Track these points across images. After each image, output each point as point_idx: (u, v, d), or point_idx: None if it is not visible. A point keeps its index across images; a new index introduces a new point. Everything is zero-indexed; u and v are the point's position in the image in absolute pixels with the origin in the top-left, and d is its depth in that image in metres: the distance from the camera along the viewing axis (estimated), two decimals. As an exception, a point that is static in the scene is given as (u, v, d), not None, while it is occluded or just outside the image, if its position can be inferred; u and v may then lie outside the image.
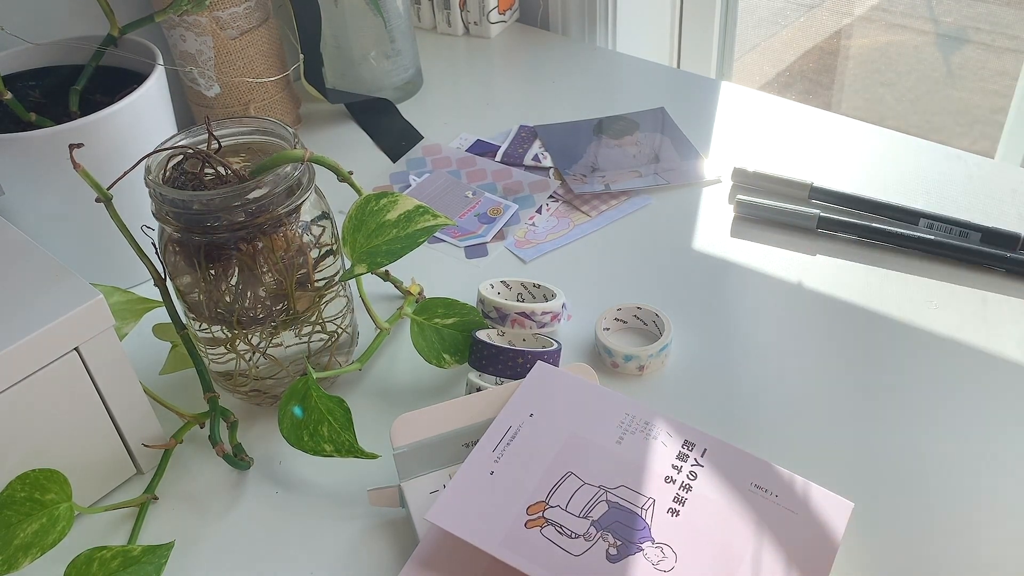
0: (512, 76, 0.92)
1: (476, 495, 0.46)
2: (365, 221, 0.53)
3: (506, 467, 0.47)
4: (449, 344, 0.57)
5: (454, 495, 0.46)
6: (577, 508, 0.45)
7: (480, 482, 0.47)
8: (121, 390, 0.51)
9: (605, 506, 0.46)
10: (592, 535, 0.44)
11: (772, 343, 0.59)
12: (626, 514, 0.45)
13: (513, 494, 0.46)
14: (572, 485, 0.46)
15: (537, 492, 0.46)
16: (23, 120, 0.62)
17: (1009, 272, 0.63)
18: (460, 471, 0.47)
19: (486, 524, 0.45)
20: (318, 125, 0.86)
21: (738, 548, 0.44)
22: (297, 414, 0.51)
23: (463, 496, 0.46)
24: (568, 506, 0.46)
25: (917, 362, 0.57)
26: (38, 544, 0.45)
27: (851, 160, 0.75)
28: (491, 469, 0.47)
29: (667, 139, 0.79)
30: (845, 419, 0.54)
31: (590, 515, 0.45)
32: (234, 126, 0.53)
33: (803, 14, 1.68)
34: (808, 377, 0.57)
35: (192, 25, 0.74)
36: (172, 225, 0.49)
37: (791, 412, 0.55)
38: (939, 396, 0.55)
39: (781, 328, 0.60)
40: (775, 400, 0.56)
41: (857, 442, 0.53)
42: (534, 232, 0.71)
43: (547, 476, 0.47)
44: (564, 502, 0.46)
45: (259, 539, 0.51)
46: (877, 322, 0.60)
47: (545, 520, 0.45)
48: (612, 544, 0.44)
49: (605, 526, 0.45)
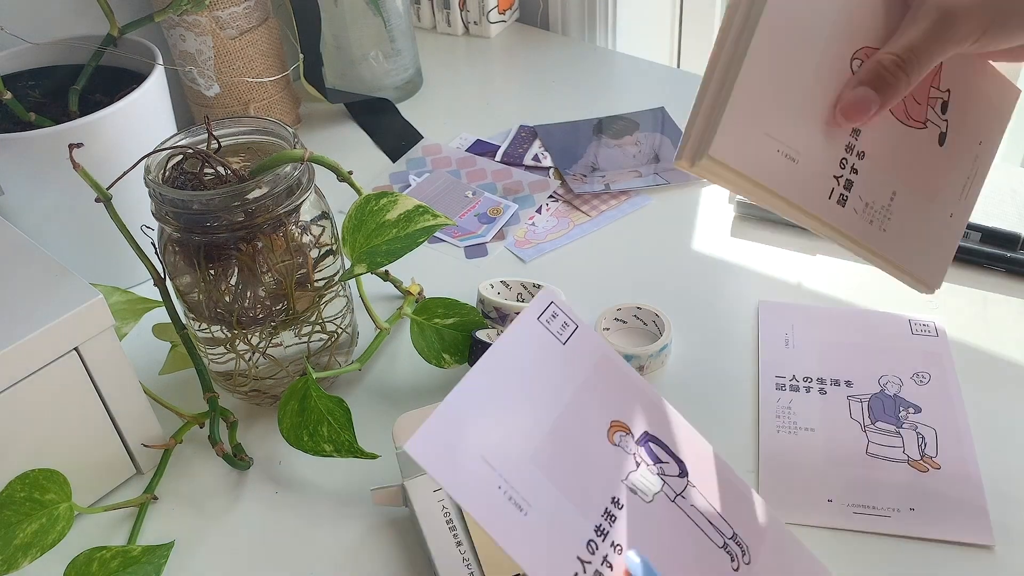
0: (512, 76, 0.92)
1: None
2: (365, 221, 0.53)
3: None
4: (449, 344, 0.57)
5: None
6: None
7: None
8: (121, 390, 0.51)
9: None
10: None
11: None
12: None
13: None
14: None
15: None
16: (23, 120, 0.62)
17: (1009, 272, 0.63)
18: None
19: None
20: (318, 125, 0.86)
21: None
22: (297, 414, 0.51)
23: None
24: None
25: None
26: (38, 544, 0.45)
27: (851, 160, 0.74)
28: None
29: (667, 139, 0.79)
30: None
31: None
32: (234, 126, 0.53)
33: (803, 14, 1.68)
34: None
35: (192, 25, 0.74)
36: (172, 225, 0.49)
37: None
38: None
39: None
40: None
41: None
42: (534, 232, 0.71)
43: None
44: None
45: (259, 539, 0.51)
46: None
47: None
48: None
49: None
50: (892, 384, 0.55)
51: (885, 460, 0.51)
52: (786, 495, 0.50)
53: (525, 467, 0.37)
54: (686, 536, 0.41)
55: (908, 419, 0.53)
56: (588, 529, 0.38)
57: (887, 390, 0.55)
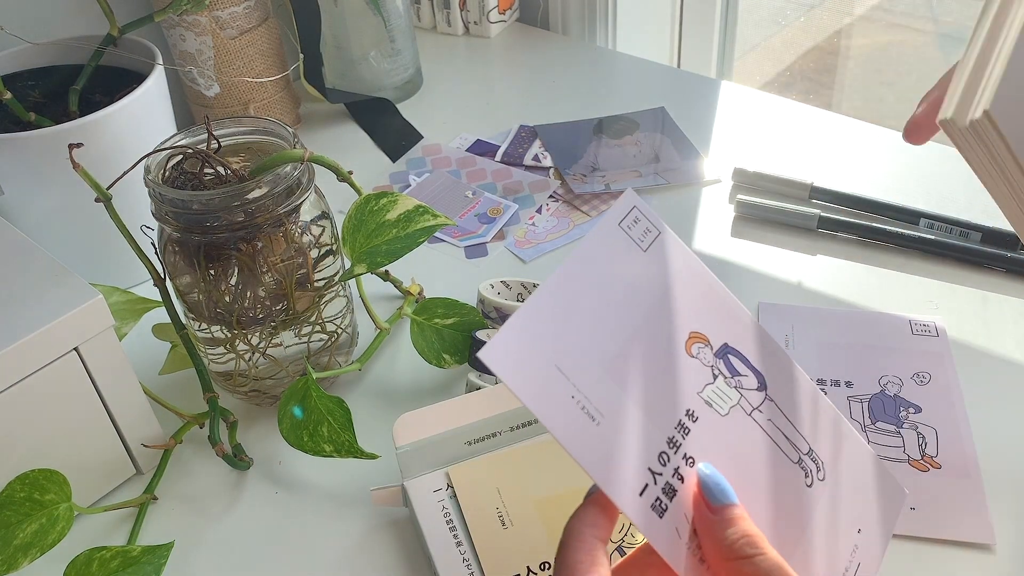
0: (512, 76, 0.92)
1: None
2: (365, 221, 0.53)
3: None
4: (449, 344, 0.57)
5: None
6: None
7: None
8: (121, 390, 0.51)
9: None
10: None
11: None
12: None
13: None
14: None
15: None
16: (23, 120, 0.62)
17: (1009, 272, 0.63)
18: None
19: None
20: (318, 125, 0.86)
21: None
22: (297, 414, 0.51)
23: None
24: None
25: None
26: (37, 544, 0.45)
27: (851, 160, 0.74)
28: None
29: (667, 139, 0.79)
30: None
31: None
32: (234, 126, 0.53)
33: (803, 14, 1.68)
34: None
35: (192, 25, 0.74)
36: (172, 225, 0.49)
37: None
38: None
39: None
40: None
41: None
42: (534, 232, 0.71)
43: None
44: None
45: (259, 539, 0.51)
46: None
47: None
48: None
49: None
50: (892, 384, 0.55)
51: (886, 460, 0.51)
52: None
53: (600, 376, 0.37)
54: (760, 450, 0.40)
55: (908, 419, 0.53)
56: (661, 441, 0.37)
57: (887, 390, 0.55)
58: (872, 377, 0.56)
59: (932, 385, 0.55)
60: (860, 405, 0.54)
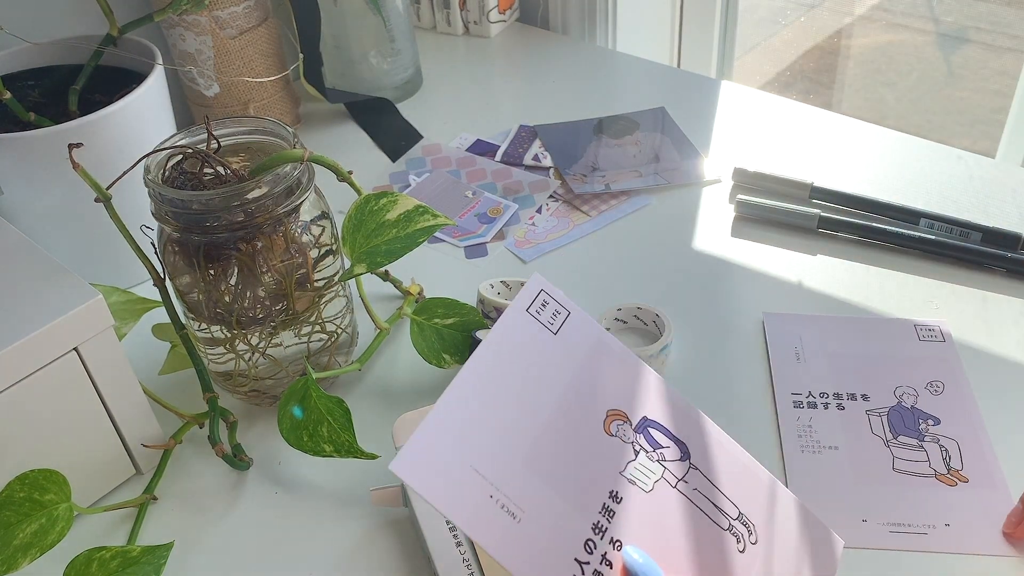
0: (512, 76, 0.92)
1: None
2: (365, 221, 0.53)
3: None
4: (449, 344, 0.57)
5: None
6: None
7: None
8: (120, 390, 0.51)
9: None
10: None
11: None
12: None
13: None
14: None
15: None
16: (23, 120, 0.62)
17: (1009, 272, 0.63)
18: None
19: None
20: (318, 125, 0.86)
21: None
22: (297, 414, 0.51)
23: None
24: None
25: (917, 362, 0.57)
26: (37, 544, 0.45)
27: (851, 160, 0.74)
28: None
29: (667, 139, 0.79)
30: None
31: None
32: (233, 126, 0.53)
33: (803, 13, 1.68)
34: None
35: (191, 25, 0.74)
36: (171, 225, 0.49)
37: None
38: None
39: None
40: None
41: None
42: (534, 232, 0.71)
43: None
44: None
45: (259, 539, 0.51)
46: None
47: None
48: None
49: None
50: (908, 396, 0.55)
51: (913, 476, 0.50)
52: (820, 517, 0.48)
53: (518, 470, 0.36)
54: (688, 522, 0.40)
55: (929, 431, 0.53)
56: (585, 528, 0.37)
57: (904, 402, 0.54)
58: (887, 389, 0.55)
59: (946, 394, 0.55)
60: (880, 419, 0.54)
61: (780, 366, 0.57)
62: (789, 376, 0.57)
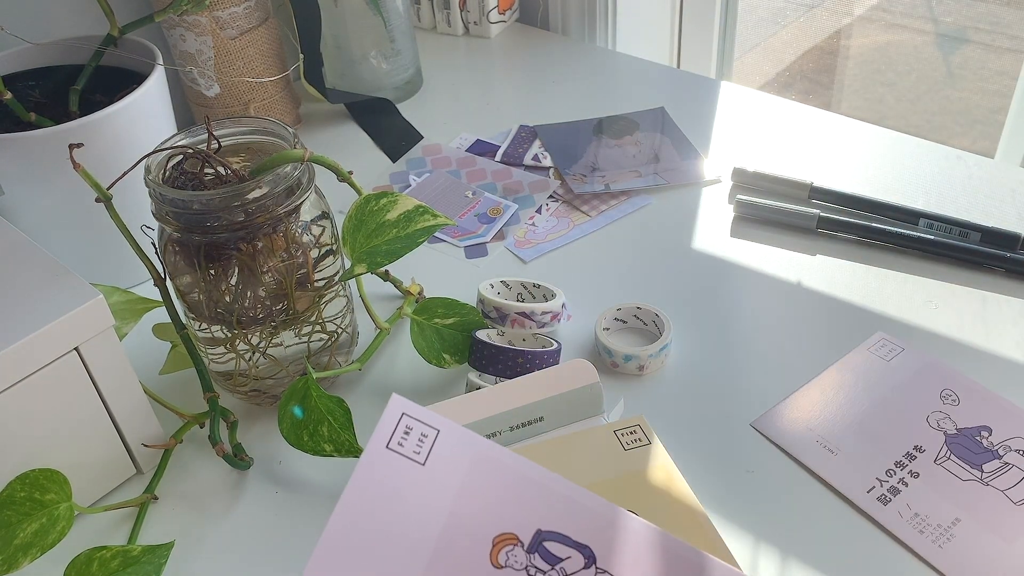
0: (512, 76, 0.92)
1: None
2: (365, 221, 0.53)
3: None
4: (449, 344, 0.57)
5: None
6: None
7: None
8: (121, 390, 0.51)
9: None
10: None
11: (772, 343, 0.59)
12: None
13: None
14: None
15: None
16: (23, 120, 0.62)
17: (1009, 272, 0.63)
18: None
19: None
20: (318, 125, 0.86)
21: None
22: (297, 414, 0.51)
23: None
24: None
25: (917, 362, 0.57)
26: (38, 544, 0.45)
27: (851, 160, 0.75)
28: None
29: (667, 139, 0.79)
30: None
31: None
32: (234, 126, 0.53)
33: (803, 14, 1.68)
34: (808, 377, 0.57)
35: (192, 25, 0.74)
36: (172, 225, 0.49)
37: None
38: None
39: (781, 328, 0.60)
40: (774, 400, 0.56)
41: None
42: (534, 232, 0.71)
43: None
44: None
45: (259, 539, 0.51)
46: (877, 322, 0.60)
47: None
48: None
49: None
50: (943, 421, 0.52)
51: (1020, 504, 0.47)
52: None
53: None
54: None
55: (994, 444, 0.50)
56: None
57: (945, 429, 0.51)
58: (919, 428, 0.51)
59: (967, 401, 0.53)
60: (952, 463, 0.49)
61: (824, 468, 0.50)
62: (839, 472, 0.50)
